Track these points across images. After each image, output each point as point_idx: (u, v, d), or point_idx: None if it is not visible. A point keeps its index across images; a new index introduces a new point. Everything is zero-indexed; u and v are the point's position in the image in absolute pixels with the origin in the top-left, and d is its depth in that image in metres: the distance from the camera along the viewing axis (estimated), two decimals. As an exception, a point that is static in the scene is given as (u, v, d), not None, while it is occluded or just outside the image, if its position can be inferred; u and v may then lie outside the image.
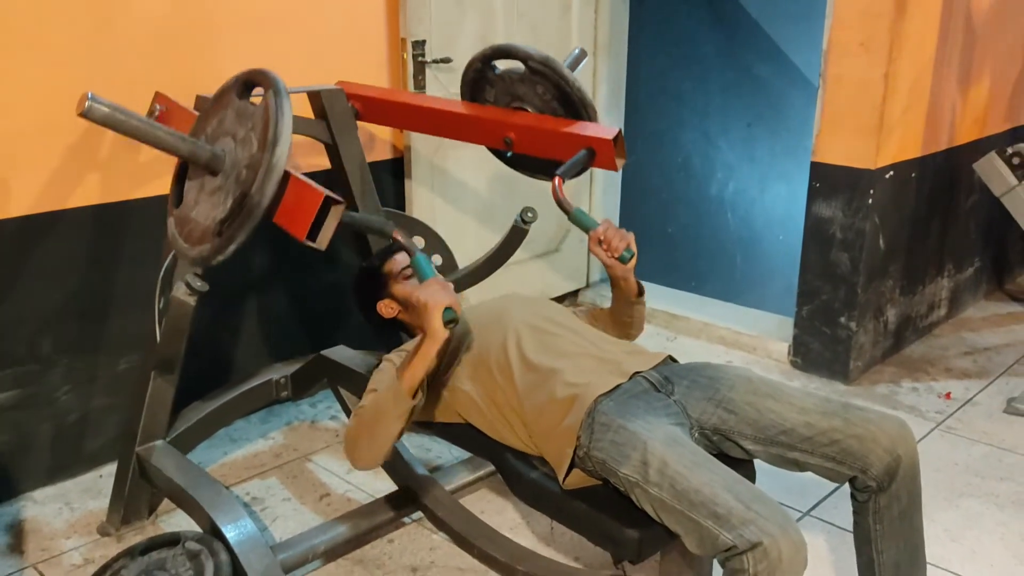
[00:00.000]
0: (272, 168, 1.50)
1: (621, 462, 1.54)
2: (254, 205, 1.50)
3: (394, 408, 1.67)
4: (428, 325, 1.60)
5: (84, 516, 2.38)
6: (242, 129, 1.62)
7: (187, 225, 1.63)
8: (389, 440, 1.70)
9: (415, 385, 1.66)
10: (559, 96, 2.25)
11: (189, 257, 1.61)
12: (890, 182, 3.06)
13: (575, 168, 2.09)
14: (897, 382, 3.21)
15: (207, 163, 1.62)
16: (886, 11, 2.83)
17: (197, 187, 1.66)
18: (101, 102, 1.52)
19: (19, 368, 2.37)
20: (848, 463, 1.65)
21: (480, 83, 2.39)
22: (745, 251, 5.06)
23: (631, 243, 1.86)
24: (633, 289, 1.97)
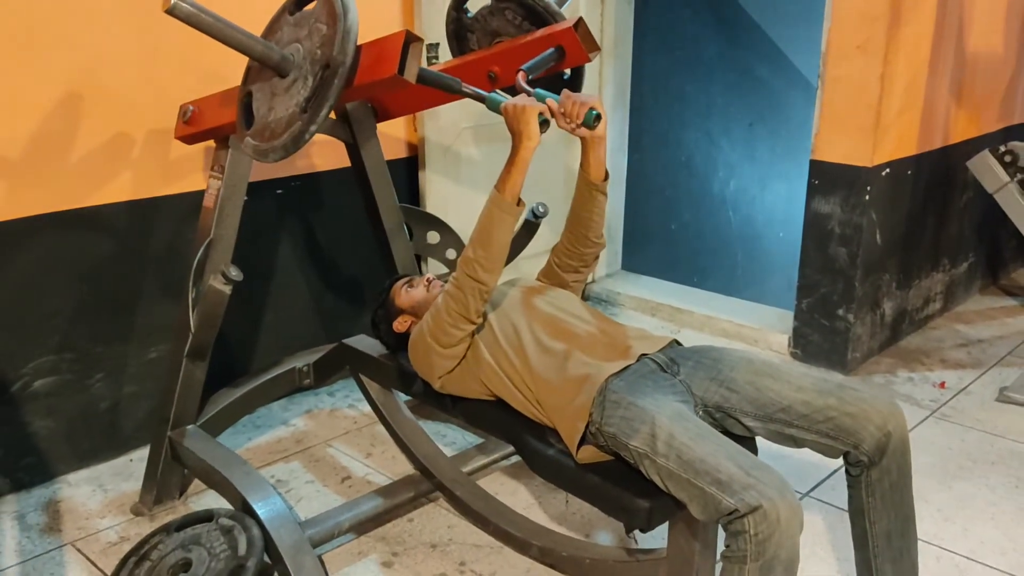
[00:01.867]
0: (348, 30, 1.62)
1: (631, 435, 1.65)
2: (338, 67, 1.61)
3: (500, 216, 1.79)
4: (525, 126, 1.74)
5: (117, 497, 2.50)
6: (304, 29, 1.75)
7: (266, 131, 1.74)
8: (504, 250, 1.81)
9: (516, 192, 1.79)
10: (529, 15, 2.28)
11: (280, 146, 1.70)
12: (886, 179, 3.18)
13: (543, 64, 2.10)
14: (894, 372, 3.32)
15: (278, 64, 1.74)
16: (882, 15, 2.94)
17: (267, 96, 1.77)
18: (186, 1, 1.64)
19: (55, 357, 2.50)
20: (842, 439, 1.76)
21: (461, 33, 2.44)
22: (746, 248, 5.17)
23: (595, 104, 1.82)
24: (600, 166, 1.96)
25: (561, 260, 2.12)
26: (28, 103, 2.31)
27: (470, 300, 1.83)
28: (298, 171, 2.94)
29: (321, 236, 3.08)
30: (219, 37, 1.70)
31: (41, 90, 2.33)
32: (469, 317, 1.86)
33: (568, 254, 2.10)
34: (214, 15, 1.69)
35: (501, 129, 1.85)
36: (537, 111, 1.74)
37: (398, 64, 1.68)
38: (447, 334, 1.88)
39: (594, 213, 2.02)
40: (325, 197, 3.06)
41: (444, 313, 1.86)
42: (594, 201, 2.01)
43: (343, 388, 3.15)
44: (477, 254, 1.81)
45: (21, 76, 2.29)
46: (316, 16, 1.72)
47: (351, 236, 3.12)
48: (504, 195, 1.78)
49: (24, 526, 2.36)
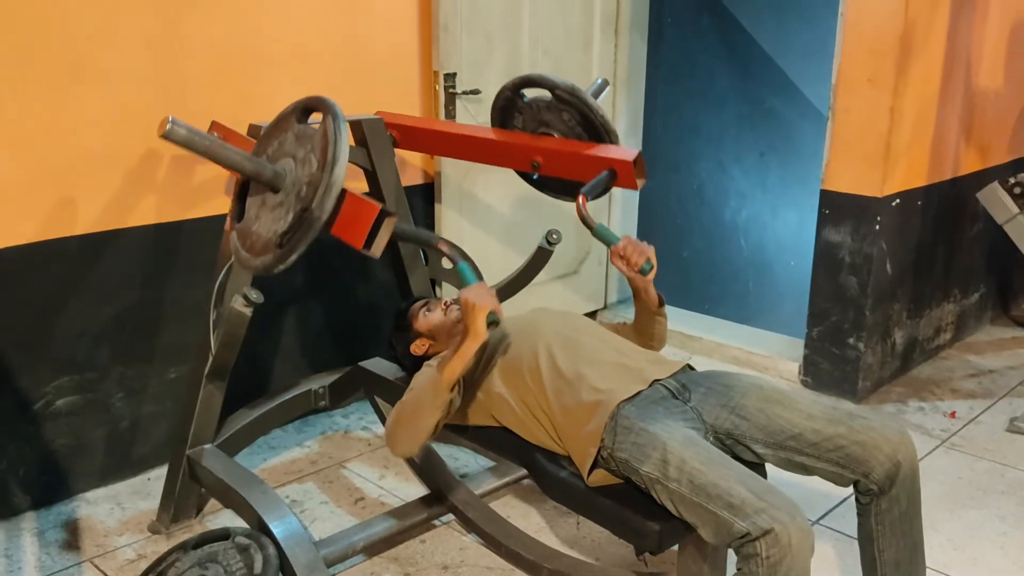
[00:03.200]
0: (331, 186, 1.67)
1: (643, 461, 1.69)
2: (314, 219, 1.67)
3: (432, 399, 1.83)
4: (471, 324, 1.77)
5: (135, 516, 2.53)
6: (302, 150, 1.79)
7: (249, 238, 1.79)
8: (427, 430, 1.86)
9: (453, 380, 1.82)
10: (583, 122, 2.42)
11: (252, 267, 1.77)
12: (896, 209, 3.21)
13: (598, 187, 2.24)
14: (904, 401, 3.34)
15: (269, 181, 1.78)
16: (892, 49, 2.99)
17: (258, 203, 1.82)
18: (181, 125, 1.70)
19: (78, 376, 2.55)
20: (852, 467, 1.78)
21: (509, 110, 2.56)
22: (757, 276, 5.20)
23: (651, 256, 2.02)
24: (654, 301, 2.13)
25: None
26: (59, 130, 2.38)
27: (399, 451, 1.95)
28: (317, 196, 3.00)
29: (338, 260, 3.13)
30: (212, 157, 1.74)
31: (71, 118, 2.40)
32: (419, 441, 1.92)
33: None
34: (206, 137, 1.74)
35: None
36: (487, 310, 1.76)
37: (364, 239, 1.72)
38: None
39: (657, 330, 2.20)
40: (343, 222, 3.11)
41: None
42: (655, 323, 2.18)
43: (357, 410, 3.19)
44: (399, 431, 1.89)
45: (53, 104, 2.36)
46: (313, 145, 1.74)
47: (367, 260, 3.16)
48: (441, 378, 1.82)
49: (44, 543, 2.39)
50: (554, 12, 3.47)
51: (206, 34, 2.60)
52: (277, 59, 2.78)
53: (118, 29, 2.43)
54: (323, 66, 2.89)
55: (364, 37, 2.98)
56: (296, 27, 2.79)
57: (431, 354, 2.18)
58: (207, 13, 2.59)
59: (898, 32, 2.97)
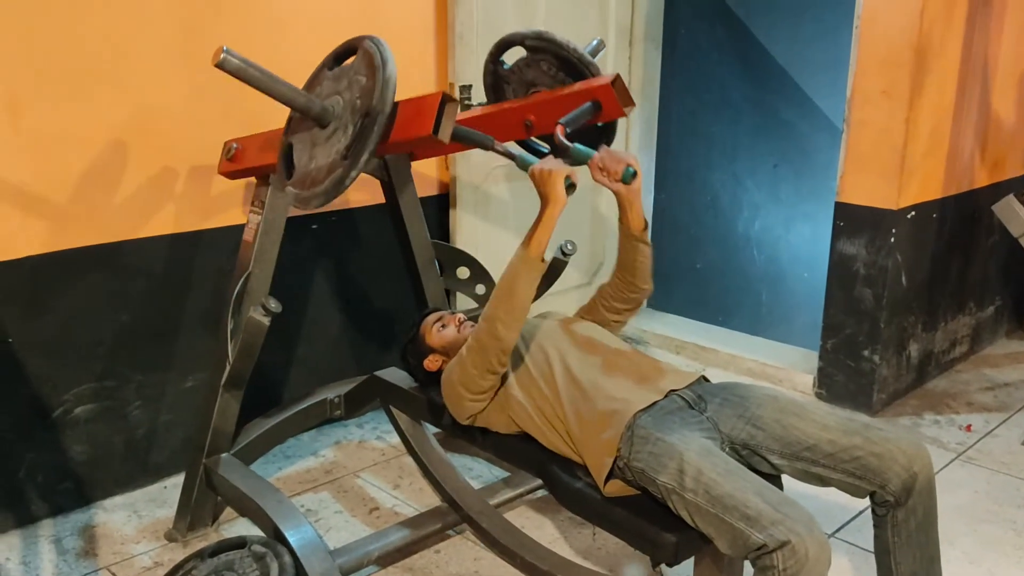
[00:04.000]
0: (387, 80, 1.68)
1: (659, 471, 1.69)
2: (377, 115, 1.67)
3: (526, 272, 1.82)
4: (552, 190, 1.78)
5: (152, 523, 2.55)
6: (344, 81, 1.82)
7: (307, 178, 1.79)
8: (526, 303, 1.84)
9: (542, 249, 1.82)
10: (563, 66, 2.33)
11: (321, 192, 1.75)
12: (911, 222, 3.21)
13: (581, 118, 2.15)
14: (920, 414, 3.32)
15: (319, 115, 1.80)
16: (906, 61, 3.00)
17: (308, 146, 1.84)
18: (234, 55, 1.73)
19: (97, 384, 2.57)
20: (868, 479, 1.78)
21: (498, 84, 2.50)
22: (771, 287, 5.18)
23: (632, 162, 1.93)
24: (639, 219, 2.03)
25: (607, 302, 2.17)
26: (79, 140, 2.42)
27: (491, 355, 1.88)
28: (334, 207, 3.02)
29: (354, 270, 3.15)
30: (264, 89, 1.78)
31: (91, 128, 2.43)
32: (492, 369, 1.91)
33: (615, 297, 2.16)
34: (260, 68, 1.77)
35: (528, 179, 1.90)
36: (564, 175, 1.78)
37: (433, 124, 1.73)
38: (475, 383, 1.93)
39: (639, 260, 2.09)
40: (359, 232, 3.13)
41: (469, 365, 1.92)
42: (638, 250, 2.08)
43: (372, 420, 3.20)
44: (498, 309, 1.86)
45: (73, 114, 2.39)
46: (355, 69, 1.79)
47: (383, 270, 3.19)
48: (530, 250, 1.83)
49: (61, 550, 2.41)
50: (569, 23, 3.49)
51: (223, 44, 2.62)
52: (293, 70, 2.78)
53: (137, 37, 2.46)
54: (340, 78, 2.91)
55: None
56: (312, 39, 2.82)
57: (444, 370, 2.19)
58: (226, 26, 2.62)
59: (913, 44, 2.98)
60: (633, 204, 2.01)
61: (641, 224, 2.05)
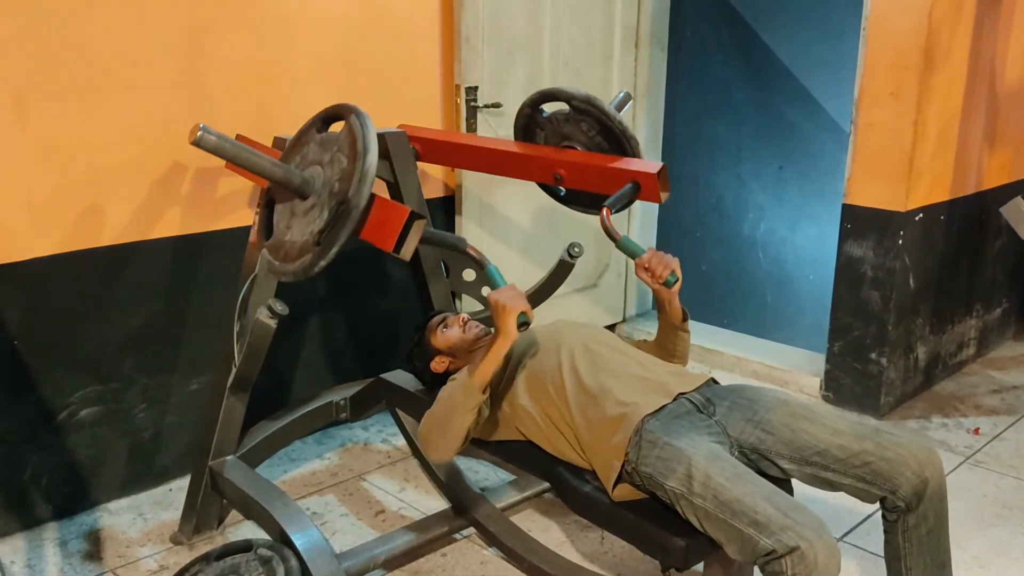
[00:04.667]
0: (365, 174, 1.66)
1: (667, 476, 1.68)
2: (352, 209, 1.66)
3: (465, 401, 1.83)
4: (503, 325, 1.78)
5: (157, 526, 2.54)
6: (327, 154, 1.80)
7: (281, 248, 1.79)
8: (461, 433, 1.86)
9: (485, 381, 1.83)
10: (603, 131, 2.41)
11: (289, 272, 1.75)
12: (919, 224, 3.19)
13: (622, 200, 2.23)
14: (927, 417, 3.31)
15: (299, 187, 1.79)
16: (915, 63, 2.98)
17: (287, 214, 1.83)
18: (211, 132, 1.72)
19: (102, 386, 2.56)
20: (878, 484, 1.77)
21: (530, 127, 2.57)
22: (776, 289, 5.16)
23: (675, 268, 2.01)
24: (678, 314, 2.11)
25: None
26: (85, 141, 2.41)
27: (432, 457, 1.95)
28: (338, 209, 3.01)
29: (360, 272, 3.14)
30: (243, 165, 1.76)
31: (98, 129, 2.43)
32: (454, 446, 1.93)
33: None
34: (237, 144, 1.76)
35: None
36: (518, 312, 1.77)
37: (395, 243, 1.73)
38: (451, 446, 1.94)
39: (679, 346, 2.16)
40: (364, 234, 3.12)
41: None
42: (678, 338, 2.15)
43: (377, 422, 3.19)
44: (433, 433, 1.90)
45: (80, 116, 2.39)
46: (339, 145, 1.75)
47: (389, 272, 3.18)
48: (473, 380, 1.83)
49: (66, 553, 2.41)
50: (575, 25, 3.48)
51: (231, 48, 2.63)
52: (301, 73, 2.80)
53: (144, 42, 2.45)
54: (346, 80, 2.91)
55: (386, 51, 3.00)
56: (319, 41, 2.82)
57: (452, 370, 2.18)
58: (232, 27, 2.61)
59: (921, 45, 2.97)
60: (672, 303, 2.09)
61: (680, 316, 2.12)
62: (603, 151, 2.44)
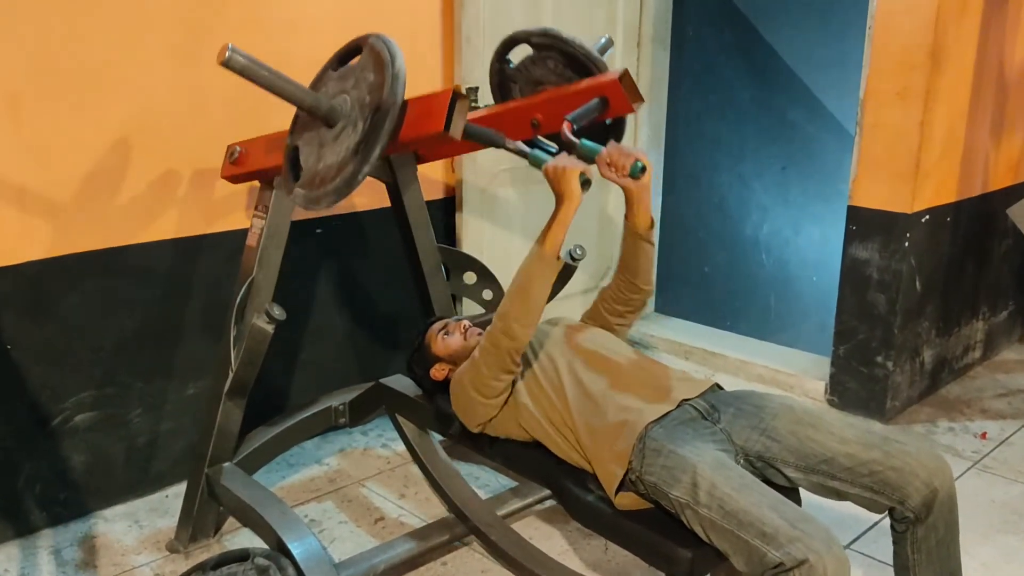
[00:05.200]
0: (397, 74, 1.64)
1: (672, 485, 1.64)
2: (388, 107, 1.62)
3: (541, 270, 1.79)
4: (567, 187, 1.74)
5: (153, 534, 2.50)
6: (350, 81, 1.78)
7: (315, 179, 1.74)
8: (541, 302, 1.81)
9: (557, 247, 1.79)
10: (569, 63, 2.28)
11: (332, 190, 1.69)
12: (926, 226, 3.16)
13: (588, 114, 2.09)
14: (934, 422, 3.27)
15: (326, 113, 1.76)
16: (921, 63, 2.94)
17: (315, 147, 1.79)
18: (240, 53, 1.68)
19: (97, 392, 2.53)
20: (887, 494, 1.73)
21: (504, 83, 2.45)
22: (779, 291, 5.13)
23: (640, 157, 1.85)
24: (647, 216, 1.98)
25: (609, 305, 2.12)
26: (80, 142, 2.37)
27: (504, 355, 1.84)
28: (339, 210, 2.98)
29: (359, 275, 3.10)
30: (271, 88, 1.74)
31: (93, 129, 2.39)
32: (507, 368, 1.87)
33: (616, 299, 2.10)
34: (266, 67, 1.72)
35: (537, 172, 1.87)
36: (578, 172, 1.75)
37: (444, 121, 1.70)
38: (488, 386, 1.89)
39: (641, 260, 2.03)
40: (364, 236, 3.09)
41: (483, 366, 1.88)
42: (641, 249, 2.02)
43: (376, 427, 3.16)
44: (514, 307, 1.82)
45: (75, 118, 2.35)
46: (362, 67, 1.75)
47: (389, 275, 3.14)
48: (545, 248, 1.79)
49: (60, 561, 2.37)
50: (577, 24, 3.44)
51: (228, 48, 2.58)
52: (298, 72, 2.74)
53: (141, 36, 2.42)
54: (345, 80, 2.87)
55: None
56: (316, 40, 2.77)
57: (450, 379, 2.14)
58: (230, 27, 2.58)
59: (928, 45, 2.93)
60: (641, 200, 1.96)
61: (647, 222, 2.00)
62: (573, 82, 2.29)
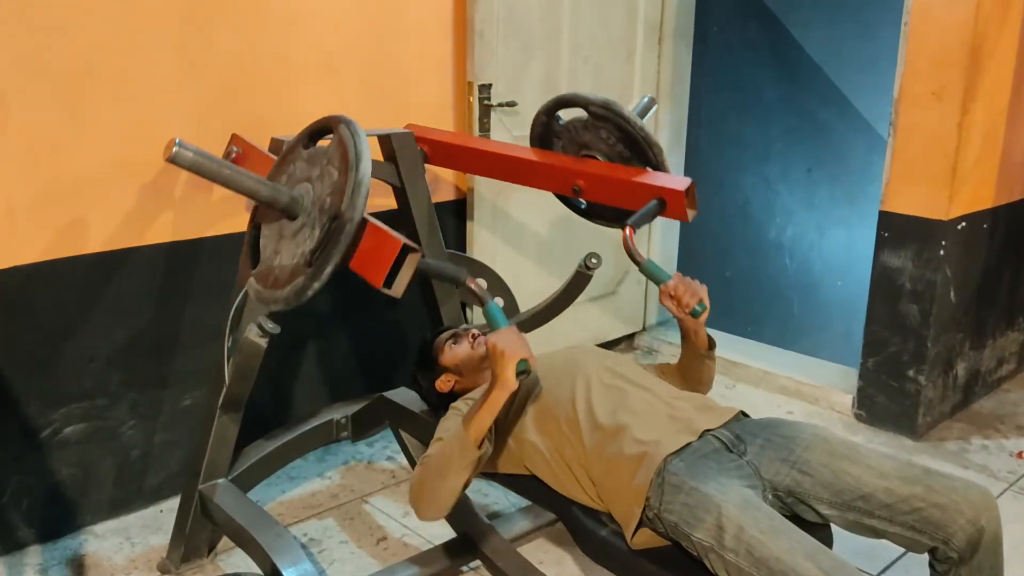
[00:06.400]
0: (359, 184, 1.51)
1: (694, 525, 1.50)
2: (345, 223, 1.50)
3: (460, 459, 1.66)
4: (500, 374, 1.59)
5: (144, 552, 2.39)
6: (316, 169, 1.64)
7: (270, 275, 1.63)
8: (455, 492, 1.69)
9: (481, 435, 1.65)
10: (624, 139, 2.24)
11: (280, 299, 1.59)
12: (962, 233, 2.99)
13: (646, 218, 2.09)
14: (967, 439, 3.10)
15: (286, 206, 1.63)
16: (959, 61, 2.78)
17: (275, 237, 1.67)
18: (188, 148, 1.56)
19: (88, 402, 2.41)
20: (929, 533, 1.59)
21: (547, 136, 2.40)
22: (803, 296, 4.97)
23: (703, 296, 1.83)
24: (704, 343, 1.94)
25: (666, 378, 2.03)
26: (71, 142, 2.25)
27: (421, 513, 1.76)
28: (343, 213, 2.85)
29: (364, 281, 2.97)
30: (223, 182, 1.60)
31: (85, 130, 2.27)
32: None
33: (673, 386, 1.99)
34: (219, 161, 1.59)
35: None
36: (517, 359, 1.58)
37: (384, 278, 1.56)
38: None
39: (704, 375, 2.00)
40: (370, 240, 2.96)
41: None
42: (704, 367, 1.99)
43: (382, 439, 3.03)
44: (423, 489, 1.71)
45: (65, 117, 2.23)
46: (329, 158, 1.60)
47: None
48: (468, 434, 1.64)
49: (47, 580, 2.26)
50: (595, 20, 3.30)
51: (230, 44, 2.46)
52: (303, 70, 2.63)
53: (136, 36, 2.30)
54: (351, 77, 2.74)
55: (395, 45, 2.83)
56: (324, 36, 2.65)
57: (457, 391, 2.02)
58: (232, 22, 2.45)
59: (967, 42, 2.76)
60: (699, 333, 1.92)
61: (707, 346, 1.95)
62: (624, 160, 2.27)
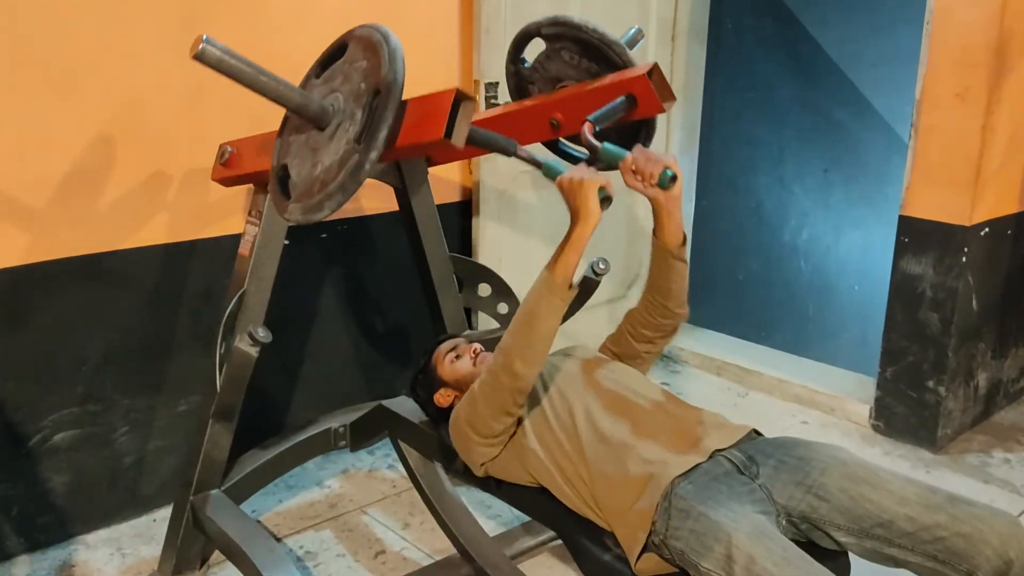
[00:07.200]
0: (394, 52, 1.49)
1: (703, 554, 1.41)
2: (389, 85, 1.46)
3: (549, 300, 1.58)
4: (584, 203, 1.53)
5: (136, 563, 2.32)
6: (338, 80, 1.60)
7: (313, 186, 1.55)
8: (548, 340, 1.60)
9: (569, 273, 1.58)
10: (584, 51, 2.06)
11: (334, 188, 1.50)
12: (985, 239, 2.89)
13: (612, 114, 1.88)
14: (988, 452, 3.00)
15: (316, 114, 1.58)
16: (984, 61, 2.68)
17: (308, 156, 1.60)
18: (215, 45, 1.49)
19: (79, 408, 2.35)
20: (953, 564, 1.49)
21: (522, 84, 2.24)
22: (817, 300, 4.86)
23: (670, 164, 1.63)
24: (677, 232, 1.73)
25: (636, 329, 1.88)
26: (61, 139, 2.19)
27: (505, 394, 1.62)
28: (345, 214, 2.77)
29: (365, 285, 2.90)
30: (252, 86, 1.53)
31: (75, 126, 2.20)
32: (507, 410, 1.64)
33: (644, 323, 1.86)
34: (247, 62, 1.52)
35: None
36: (597, 185, 1.52)
37: (445, 127, 1.48)
38: (485, 425, 1.67)
39: (673, 281, 1.78)
40: (371, 243, 2.88)
41: (481, 403, 1.65)
42: (673, 269, 1.77)
43: (383, 446, 2.95)
44: (516, 342, 1.59)
45: (55, 114, 2.16)
46: (350, 60, 1.57)
47: (397, 285, 2.93)
48: (555, 275, 1.56)
49: (34, 592, 2.20)
50: (606, 16, 3.20)
51: (229, 40, 2.36)
52: (302, 69, 2.55)
53: (130, 30, 2.22)
54: (353, 74, 2.66)
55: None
56: (324, 33, 2.56)
57: (455, 406, 1.93)
58: (232, 17, 2.38)
59: (992, 41, 2.66)
60: (672, 214, 1.71)
61: (679, 239, 1.75)
62: (593, 75, 2.07)
